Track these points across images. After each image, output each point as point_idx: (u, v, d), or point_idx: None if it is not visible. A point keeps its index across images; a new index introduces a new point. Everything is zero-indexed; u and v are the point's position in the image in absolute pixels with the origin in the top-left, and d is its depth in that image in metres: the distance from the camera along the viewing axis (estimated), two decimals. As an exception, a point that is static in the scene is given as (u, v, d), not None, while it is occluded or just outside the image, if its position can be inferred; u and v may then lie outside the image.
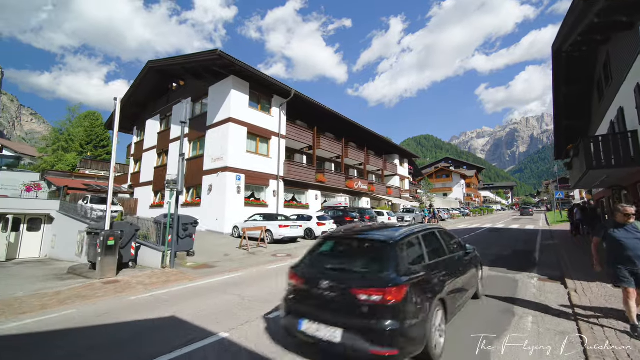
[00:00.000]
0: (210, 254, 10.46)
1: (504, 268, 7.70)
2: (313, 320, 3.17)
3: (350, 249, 3.81)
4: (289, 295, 3.63)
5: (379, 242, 3.48)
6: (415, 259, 3.51)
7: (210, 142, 17.94)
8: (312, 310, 3.24)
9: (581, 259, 8.49)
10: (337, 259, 3.81)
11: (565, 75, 12.55)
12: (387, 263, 3.17)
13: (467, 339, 3.68)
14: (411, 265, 3.32)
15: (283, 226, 13.05)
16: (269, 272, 7.97)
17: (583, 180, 10.59)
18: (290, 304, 3.53)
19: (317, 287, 3.25)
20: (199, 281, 7.03)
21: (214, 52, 15.56)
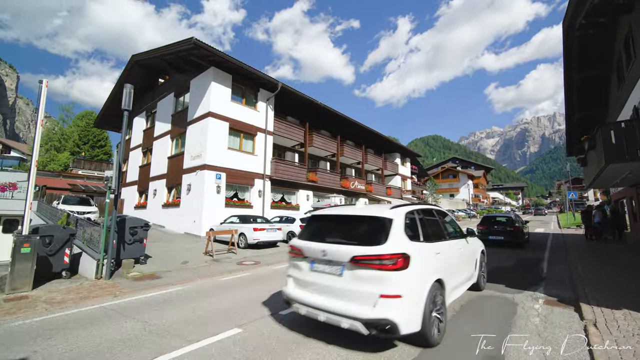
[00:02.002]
0: (167, 261, 9.23)
1: (502, 284, 6.22)
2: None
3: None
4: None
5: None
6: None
7: (190, 139, 16.80)
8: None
9: (601, 274, 6.94)
10: None
11: (578, 59, 10.95)
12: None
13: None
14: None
15: (258, 229, 11.74)
16: (220, 285, 6.67)
17: (600, 177, 9.01)
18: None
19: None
20: (124, 297, 5.77)
21: (189, 41, 14.40)
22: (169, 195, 18.29)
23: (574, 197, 25.07)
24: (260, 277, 7.41)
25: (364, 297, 3.29)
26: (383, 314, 3.14)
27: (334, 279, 3.54)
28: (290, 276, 4.11)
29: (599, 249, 11.29)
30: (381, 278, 3.26)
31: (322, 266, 3.69)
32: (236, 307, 5.01)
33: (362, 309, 3.24)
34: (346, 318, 3.30)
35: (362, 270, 3.35)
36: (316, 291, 3.69)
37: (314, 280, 3.74)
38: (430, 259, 3.82)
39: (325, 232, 3.99)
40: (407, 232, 3.66)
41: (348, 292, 3.41)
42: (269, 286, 6.38)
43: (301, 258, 3.94)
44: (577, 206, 50.83)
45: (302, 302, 3.73)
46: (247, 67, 16.61)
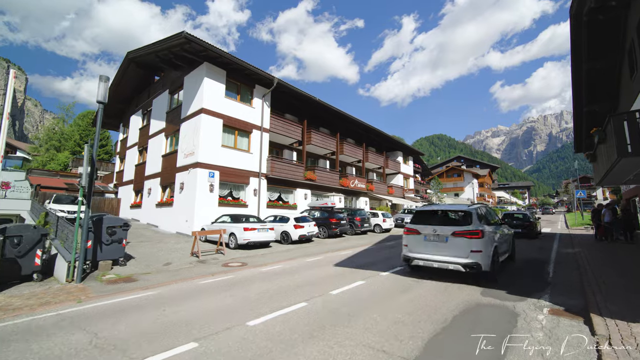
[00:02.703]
0: (150, 263, 8.79)
1: (503, 291, 5.64)
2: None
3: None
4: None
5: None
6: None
7: (183, 136, 16.38)
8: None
9: (613, 278, 6.32)
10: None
11: (587, 47, 10.26)
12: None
13: None
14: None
15: (249, 229, 11.25)
16: (197, 289, 6.19)
17: (612, 173, 8.33)
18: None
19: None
20: (88, 303, 5.31)
21: (180, 35, 13.97)
22: (163, 194, 17.93)
23: (582, 195, 24.16)
24: (242, 280, 6.92)
25: (462, 252, 6.11)
26: (473, 259, 5.97)
27: (442, 244, 6.39)
28: (406, 245, 6.96)
29: (610, 250, 10.59)
30: (470, 242, 6.06)
31: (433, 238, 6.52)
32: (203, 316, 4.52)
33: (461, 258, 6.08)
34: (451, 264, 6.16)
35: (459, 238, 6.18)
36: (429, 252, 6.51)
37: (427, 246, 6.58)
38: (491, 233, 6.46)
39: (430, 219, 7.00)
40: (480, 218, 6.57)
41: (452, 250, 6.25)
42: (247, 291, 5.89)
43: (416, 234, 6.79)
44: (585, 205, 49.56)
45: (419, 259, 6.64)
46: (241, 62, 16.15)
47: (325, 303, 4.98)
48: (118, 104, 24.79)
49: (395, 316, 4.35)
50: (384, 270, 7.51)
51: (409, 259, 6.82)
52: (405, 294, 5.46)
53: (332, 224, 15.33)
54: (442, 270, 6.70)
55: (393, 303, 4.95)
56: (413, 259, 6.73)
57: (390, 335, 3.71)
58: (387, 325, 4.02)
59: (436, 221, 6.89)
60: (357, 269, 7.82)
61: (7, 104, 6.62)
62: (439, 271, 7.21)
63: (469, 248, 6.04)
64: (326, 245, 13.20)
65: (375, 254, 10.49)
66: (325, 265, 8.51)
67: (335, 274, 7.28)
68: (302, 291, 5.77)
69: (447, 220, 7.15)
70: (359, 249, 12.10)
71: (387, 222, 19.14)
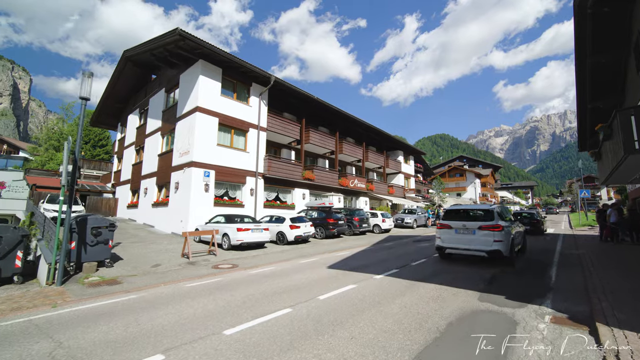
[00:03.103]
0: (138, 264, 8.53)
1: (502, 296, 5.30)
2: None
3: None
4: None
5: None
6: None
7: (178, 135, 16.14)
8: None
9: (620, 283, 5.96)
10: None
11: (592, 41, 9.87)
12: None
13: None
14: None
15: (242, 230, 10.96)
16: (180, 292, 5.90)
17: (618, 171, 7.98)
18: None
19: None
20: (63, 308, 5.05)
21: (174, 32, 13.73)
22: (159, 194, 17.71)
23: (586, 195, 23.67)
24: (229, 283, 6.63)
25: (486, 242, 7.57)
26: (496, 247, 7.44)
27: (470, 236, 7.88)
28: (439, 238, 8.51)
29: (616, 252, 10.20)
30: (493, 234, 7.50)
31: (463, 231, 8.04)
32: (179, 323, 4.23)
33: (486, 246, 7.54)
34: (478, 251, 7.72)
35: (484, 231, 7.63)
36: (460, 242, 8.06)
37: (457, 238, 8.10)
38: (508, 228, 7.81)
39: (459, 216, 8.50)
40: (500, 215, 8.06)
41: (478, 241, 7.72)
42: (232, 295, 5.60)
43: (448, 228, 8.30)
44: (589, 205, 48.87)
45: (451, 248, 8.26)
46: (237, 59, 15.90)
47: (311, 309, 4.68)
48: (116, 104, 24.63)
49: (384, 324, 4.04)
50: (379, 273, 7.20)
51: (442, 248, 8.52)
52: (397, 300, 5.15)
53: (330, 224, 15.02)
54: (440, 272, 6.37)
55: (384, 309, 4.63)
56: (446, 248, 8.45)
57: (376, 347, 3.41)
58: (374, 335, 3.71)
59: (464, 218, 8.49)
60: (351, 272, 7.51)
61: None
62: (437, 274, 6.88)
63: (493, 239, 7.59)
64: (323, 246, 12.89)
65: (372, 256, 10.18)
66: (318, 268, 8.20)
67: (327, 277, 6.97)
68: (289, 296, 5.47)
69: (472, 217, 8.53)
70: (356, 250, 11.79)
71: (386, 222, 18.79)
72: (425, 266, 8.08)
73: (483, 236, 7.65)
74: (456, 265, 8.14)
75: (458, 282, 6.23)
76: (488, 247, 7.54)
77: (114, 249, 10.36)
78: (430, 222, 24.17)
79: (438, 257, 9.45)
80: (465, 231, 7.99)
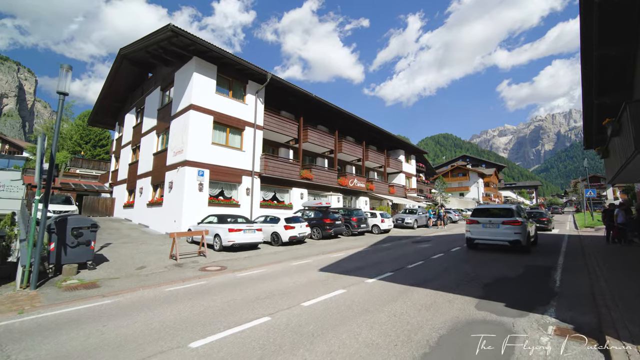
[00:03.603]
0: (123, 266, 8.21)
1: (501, 303, 4.89)
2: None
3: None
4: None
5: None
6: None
7: (173, 134, 15.85)
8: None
9: (631, 288, 5.53)
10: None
11: (598, 33, 9.39)
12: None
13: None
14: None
15: (234, 230, 10.62)
16: (158, 297, 5.57)
17: (626, 169, 7.53)
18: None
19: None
20: (29, 315, 4.72)
21: (166, 28, 13.43)
22: (154, 194, 17.44)
23: (592, 195, 23.06)
24: (213, 287, 6.28)
25: (508, 234, 9.60)
26: (516, 238, 9.49)
27: (495, 229, 9.90)
28: (468, 231, 10.54)
29: (624, 254, 9.71)
30: (514, 227, 9.55)
31: (489, 225, 10.05)
32: (145, 334, 3.88)
33: (508, 237, 9.61)
34: (502, 241, 9.81)
35: (507, 225, 9.64)
36: (486, 235, 10.09)
37: (484, 231, 10.14)
38: (525, 223, 9.76)
39: (485, 214, 10.48)
40: (517, 213, 10.10)
41: (502, 233, 9.74)
42: (212, 301, 5.24)
43: (476, 224, 10.35)
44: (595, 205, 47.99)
45: (480, 239, 10.33)
46: (232, 56, 15.57)
47: (292, 318, 4.31)
48: (113, 103, 24.43)
49: (369, 336, 3.66)
50: (371, 277, 6.81)
51: (471, 239, 10.64)
52: (387, 307, 4.76)
53: (326, 224, 14.64)
54: (438, 276, 5.97)
55: (371, 318, 4.25)
56: (474, 239, 10.57)
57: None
58: (355, 350, 3.33)
59: (489, 215, 10.51)
60: (342, 275, 7.12)
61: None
62: (434, 278, 6.48)
63: (513, 231, 9.65)
64: (318, 247, 12.51)
65: (368, 257, 9.79)
66: (310, 270, 7.83)
67: (316, 281, 6.60)
68: (271, 302, 5.11)
69: (496, 214, 10.46)
70: (352, 251, 11.40)
71: (385, 222, 18.37)
72: (422, 269, 7.67)
73: (506, 229, 9.78)
74: (455, 267, 7.73)
75: (455, 287, 5.83)
76: (510, 238, 9.67)
77: (102, 250, 10.08)
78: (432, 222, 23.68)
79: (436, 259, 9.04)
80: (490, 225, 10.16)
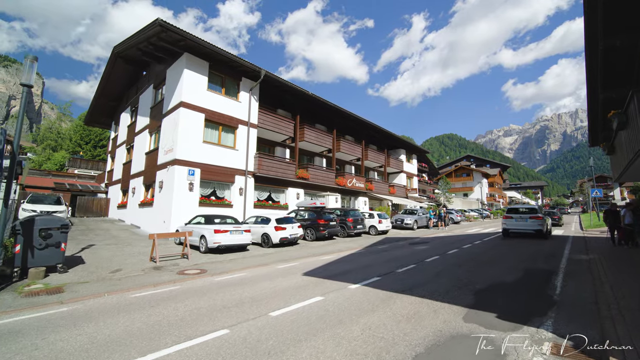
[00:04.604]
0: (98, 269, 7.81)
1: (493, 313, 4.38)
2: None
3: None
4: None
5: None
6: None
7: (164, 132, 15.50)
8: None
9: (637, 294, 4.98)
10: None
11: (604, 22, 8.81)
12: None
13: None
14: None
15: (220, 231, 10.19)
16: (124, 304, 5.14)
17: (634, 165, 6.95)
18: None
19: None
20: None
21: (154, 23, 13.07)
22: (146, 194, 17.12)
23: (598, 195, 22.29)
24: (183, 293, 5.84)
25: (534, 225, 14.23)
26: (539, 228, 14.12)
27: (524, 222, 14.54)
28: (504, 224, 15.23)
29: (632, 258, 9.10)
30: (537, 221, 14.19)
31: (520, 219, 14.74)
32: (81, 350, 3.44)
33: (534, 227, 14.27)
34: (529, 230, 14.51)
35: (533, 219, 14.34)
36: (518, 226, 14.75)
37: (516, 223, 14.78)
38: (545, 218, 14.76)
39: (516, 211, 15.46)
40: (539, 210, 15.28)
41: (529, 225, 14.38)
42: (175, 309, 4.80)
43: (510, 218, 15.06)
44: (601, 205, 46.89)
45: (512, 229, 14.99)
46: (224, 52, 15.18)
47: (253, 331, 3.84)
48: (109, 102, 24.21)
49: (332, 355, 3.18)
50: (356, 282, 6.32)
51: (507, 230, 15.12)
52: (363, 318, 4.27)
53: (320, 225, 14.16)
54: (428, 281, 5.47)
55: (342, 332, 3.77)
56: (509, 229, 15.02)
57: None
58: (313, 372, 2.85)
59: (519, 212, 15.16)
60: (326, 280, 6.64)
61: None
62: (423, 283, 5.98)
63: (537, 223, 14.01)
64: (310, 248, 12.05)
65: (358, 260, 9.30)
66: (293, 274, 7.37)
67: (295, 286, 6.13)
68: (238, 311, 4.65)
69: (524, 212, 15.14)
70: (344, 253, 10.91)
71: (383, 223, 17.84)
72: (413, 273, 7.17)
73: (532, 222, 14.28)
74: (449, 271, 7.21)
75: (444, 294, 5.33)
76: (535, 228, 14.20)
77: (83, 252, 9.72)
78: (432, 223, 23.07)
79: (430, 263, 8.52)
80: (520, 219, 14.75)
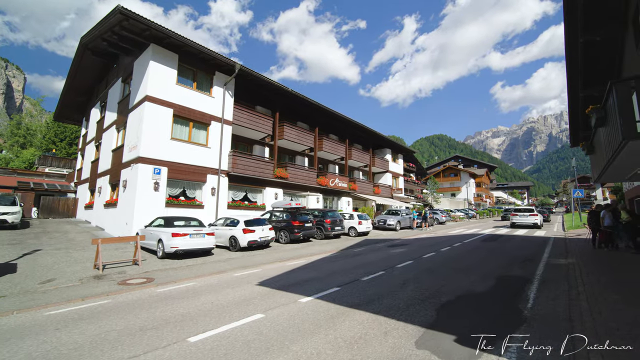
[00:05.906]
0: (26, 280, 6.92)
1: (452, 335, 3.76)
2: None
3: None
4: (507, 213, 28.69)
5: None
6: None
7: (129, 128, 14.54)
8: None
9: (618, 310, 4.44)
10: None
11: (584, 17, 8.39)
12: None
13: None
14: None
15: (179, 234, 9.37)
16: (28, 325, 4.35)
17: (613, 165, 6.49)
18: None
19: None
20: None
21: (115, 11, 12.13)
22: (112, 194, 16.09)
23: (580, 195, 22.30)
24: (107, 310, 5.06)
25: (533, 220, 22.21)
26: (537, 222, 22.12)
27: (526, 217, 22.48)
28: (512, 219, 22.97)
29: (612, 263, 8.69)
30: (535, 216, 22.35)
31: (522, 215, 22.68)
32: None
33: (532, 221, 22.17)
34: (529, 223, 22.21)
35: (531, 215, 22.42)
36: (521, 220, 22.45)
37: (520, 219, 22.55)
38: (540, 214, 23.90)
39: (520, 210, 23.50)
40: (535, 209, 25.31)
41: (529, 219, 22.34)
42: (82, 333, 4.03)
43: (516, 215, 22.88)
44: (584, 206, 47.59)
45: (517, 222, 22.53)
46: (194, 44, 14.32)
47: (155, 365, 3.12)
48: (79, 97, 22.93)
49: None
50: (310, 294, 5.64)
51: (513, 222, 22.29)
52: (299, 343, 3.59)
53: (295, 227, 13.45)
54: (390, 293, 4.83)
55: (264, 365, 3.08)
56: (515, 222, 22.15)
57: None
58: None
59: (522, 211, 22.85)
60: (279, 291, 5.95)
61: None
62: (385, 294, 5.35)
63: (535, 218, 21.83)
64: (280, 252, 11.32)
65: (326, 266, 8.63)
66: (247, 284, 6.64)
67: (240, 300, 5.41)
68: (153, 335, 3.91)
69: (524, 210, 22.89)
70: (315, 257, 10.24)
71: (363, 224, 17.24)
72: (377, 282, 6.53)
73: (531, 217, 21.72)
74: (417, 280, 6.61)
75: (404, 310, 4.70)
76: (532, 221, 21.50)
77: (22, 258, 8.77)
78: (416, 223, 22.63)
79: (400, 269, 7.92)
80: (523, 215, 21.88)
